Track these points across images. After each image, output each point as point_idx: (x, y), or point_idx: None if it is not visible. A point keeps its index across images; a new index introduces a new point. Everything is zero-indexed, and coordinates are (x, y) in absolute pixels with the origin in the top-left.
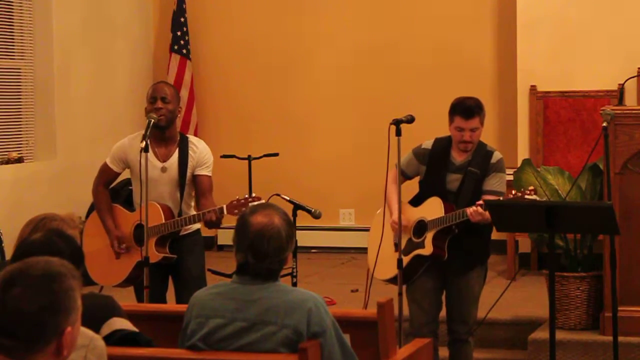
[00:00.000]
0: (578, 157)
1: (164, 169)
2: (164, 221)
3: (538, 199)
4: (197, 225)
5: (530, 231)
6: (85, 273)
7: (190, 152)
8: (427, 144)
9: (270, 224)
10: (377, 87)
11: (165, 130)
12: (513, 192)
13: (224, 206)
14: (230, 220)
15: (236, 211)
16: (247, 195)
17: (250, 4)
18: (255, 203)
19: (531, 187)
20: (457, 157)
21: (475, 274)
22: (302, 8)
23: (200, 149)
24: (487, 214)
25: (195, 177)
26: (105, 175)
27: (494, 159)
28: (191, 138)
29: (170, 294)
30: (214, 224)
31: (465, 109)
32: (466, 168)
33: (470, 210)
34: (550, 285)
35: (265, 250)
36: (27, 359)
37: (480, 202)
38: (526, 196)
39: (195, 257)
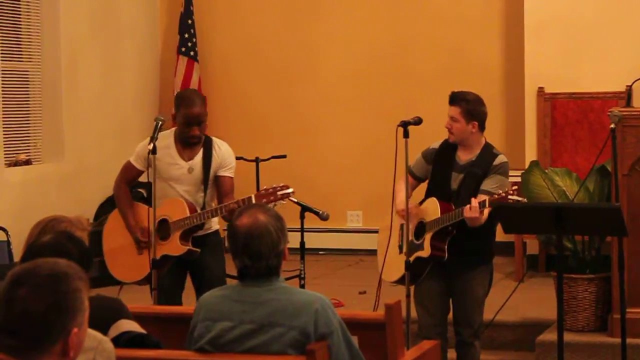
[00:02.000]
0: (586, 158)
1: (190, 170)
2: (188, 215)
3: (520, 199)
4: (217, 226)
5: (538, 233)
6: (105, 272)
7: (213, 153)
8: (436, 144)
9: (256, 222)
10: (385, 89)
11: None
12: (499, 192)
13: (252, 196)
14: None
15: (264, 200)
16: (275, 185)
17: (258, 6)
18: (284, 191)
19: (515, 187)
20: (462, 157)
21: (478, 276)
22: (311, 10)
23: (223, 151)
24: (481, 214)
25: (217, 178)
26: (128, 173)
27: (497, 161)
28: (215, 140)
29: (186, 295)
30: None
31: (451, 94)
32: (468, 168)
33: (466, 207)
34: (558, 286)
35: (258, 249)
36: (32, 359)
37: (480, 199)
38: (509, 196)
39: (216, 257)
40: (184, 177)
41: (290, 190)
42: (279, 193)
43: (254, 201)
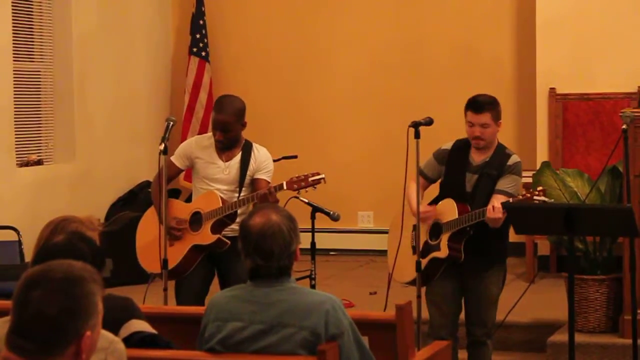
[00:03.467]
0: (597, 159)
1: (226, 170)
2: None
3: (547, 200)
4: None
5: (549, 233)
6: (135, 265)
7: (251, 156)
8: (447, 145)
9: (269, 222)
10: (396, 89)
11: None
12: (523, 192)
13: (284, 182)
14: None
15: (296, 186)
16: (307, 173)
17: (268, 6)
18: (316, 177)
19: (540, 188)
20: (476, 158)
21: (492, 276)
22: (320, 10)
23: (261, 154)
24: (504, 214)
25: (253, 181)
26: (167, 171)
27: (510, 161)
28: (255, 145)
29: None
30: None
31: (475, 103)
32: (483, 169)
33: (489, 207)
34: (569, 287)
35: (270, 248)
36: None
37: (499, 200)
38: (535, 197)
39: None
40: (220, 177)
41: (321, 175)
42: (310, 179)
43: (285, 187)
